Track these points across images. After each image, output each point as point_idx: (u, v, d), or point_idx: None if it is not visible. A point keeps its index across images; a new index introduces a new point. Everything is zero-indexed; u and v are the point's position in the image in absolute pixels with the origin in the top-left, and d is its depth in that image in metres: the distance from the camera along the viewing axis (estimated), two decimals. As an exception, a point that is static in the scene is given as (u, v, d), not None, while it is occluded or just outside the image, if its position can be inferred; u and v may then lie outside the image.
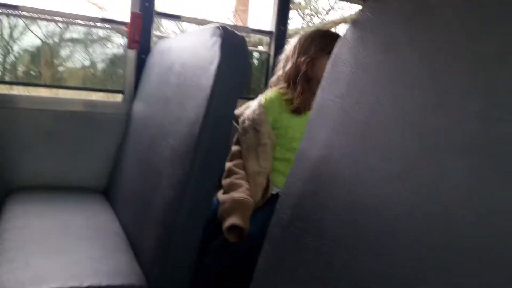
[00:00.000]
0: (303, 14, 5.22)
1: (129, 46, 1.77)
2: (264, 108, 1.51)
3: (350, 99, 0.64)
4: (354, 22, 0.67)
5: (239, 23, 3.72)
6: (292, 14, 5.05)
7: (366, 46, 0.63)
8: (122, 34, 2.00)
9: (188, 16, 1.97)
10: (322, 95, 0.71)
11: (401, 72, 0.56)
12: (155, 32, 1.86)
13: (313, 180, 0.67)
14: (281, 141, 1.52)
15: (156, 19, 1.85)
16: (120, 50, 2.28)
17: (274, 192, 1.50)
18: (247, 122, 1.52)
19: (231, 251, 1.32)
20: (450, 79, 0.48)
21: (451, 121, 0.47)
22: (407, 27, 0.57)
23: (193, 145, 1.10)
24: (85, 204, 1.59)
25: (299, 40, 1.58)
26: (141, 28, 1.75)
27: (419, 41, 0.55)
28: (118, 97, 1.89)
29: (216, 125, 1.12)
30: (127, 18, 1.76)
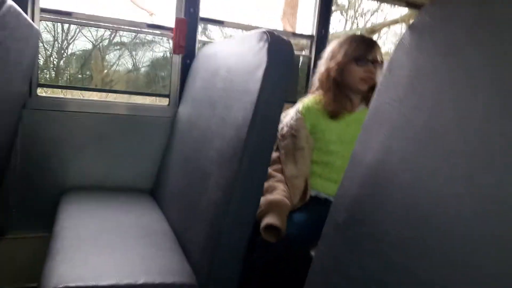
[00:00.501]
0: (347, 16, 5.16)
1: (174, 51, 1.83)
2: (302, 114, 1.56)
3: (408, 102, 0.64)
4: (412, 26, 0.67)
5: (288, 27, 3.72)
6: (336, 16, 5.00)
7: (425, 50, 0.64)
8: (168, 39, 2.06)
9: (232, 21, 2.00)
10: (378, 99, 0.72)
11: (463, 75, 0.56)
12: (200, 38, 1.90)
13: (369, 183, 0.67)
14: (319, 145, 1.55)
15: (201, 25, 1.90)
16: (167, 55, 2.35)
17: (312, 194, 1.52)
18: (285, 128, 1.57)
19: (273, 249, 1.35)
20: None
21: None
22: (469, 30, 0.57)
23: (240, 148, 1.13)
24: (133, 204, 1.65)
25: (332, 46, 1.61)
26: (186, 33, 1.80)
27: (482, 43, 0.55)
28: (165, 101, 1.95)
29: (263, 128, 1.14)
30: (172, 24, 1.81)
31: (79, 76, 2.77)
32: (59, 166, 1.75)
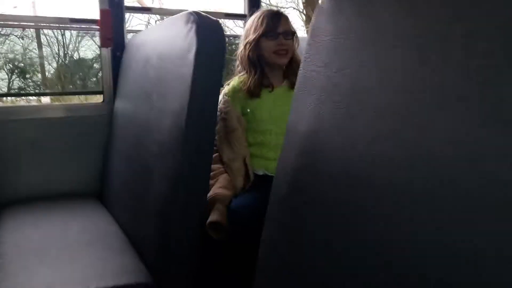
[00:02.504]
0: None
1: (102, 44, 1.74)
2: (228, 96, 1.55)
3: (333, 66, 0.63)
4: (329, -11, 0.67)
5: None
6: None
7: (344, 12, 0.63)
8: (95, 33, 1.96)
9: (160, 7, 1.93)
10: (305, 67, 0.71)
11: (381, 32, 0.56)
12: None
13: (306, 152, 0.67)
14: (251, 126, 1.56)
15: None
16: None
17: (261, 173, 1.52)
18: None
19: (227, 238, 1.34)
20: (431, 32, 0.48)
21: (435, 73, 0.47)
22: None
23: (181, 136, 1.09)
24: (80, 210, 1.57)
25: (247, 24, 1.61)
26: (112, 24, 1.71)
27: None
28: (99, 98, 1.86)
29: (202, 114, 1.11)
30: (97, 16, 1.72)
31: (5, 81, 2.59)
32: (-6, 181, 1.63)
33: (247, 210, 1.34)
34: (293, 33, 1.55)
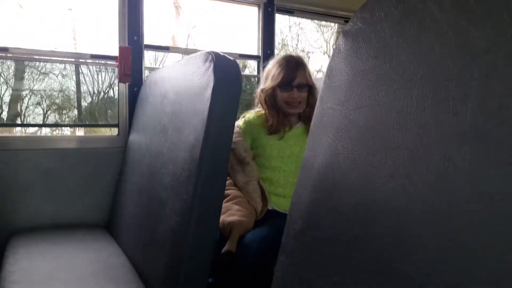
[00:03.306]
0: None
1: (120, 80, 1.80)
2: (240, 128, 1.59)
3: (349, 104, 0.66)
4: (346, 32, 0.70)
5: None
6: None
7: (360, 54, 0.66)
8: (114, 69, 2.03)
9: (178, 47, 2.01)
10: (321, 105, 0.73)
11: (396, 72, 0.59)
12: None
13: (321, 187, 0.68)
14: (260, 161, 1.58)
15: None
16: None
17: (270, 208, 1.53)
18: None
19: (237, 269, 1.33)
20: (448, 73, 0.51)
21: (452, 113, 0.49)
22: (398, 30, 0.60)
23: (194, 169, 1.11)
24: (88, 240, 1.57)
25: (267, 66, 1.67)
26: (131, 61, 1.78)
27: (411, 41, 0.58)
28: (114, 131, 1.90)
29: (216, 147, 1.13)
30: (116, 53, 1.79)
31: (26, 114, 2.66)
32: (4, 208, 1.64)
33: (256, 245, 1.34)
34: (309, 86, 1.59)
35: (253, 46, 2.19)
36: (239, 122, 1.64)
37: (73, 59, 1.91)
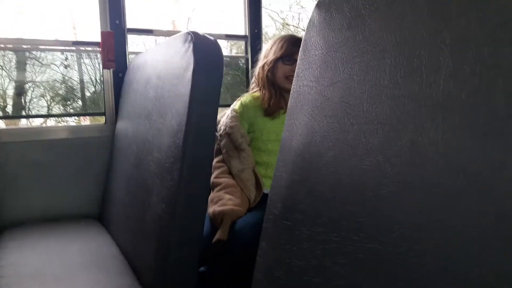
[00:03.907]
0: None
1: (104, 66, 1.75)
2: (237, 112, 1.55)
3: (324, 80, 0.62)
4: (319, 3, 0.66)
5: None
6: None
7: (333, 25, 0.62)
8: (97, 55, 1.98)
9: (161, 29, 1.95)
10: (297, 82, 0.70)
11: (371, 44, 0.55)
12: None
13: (299, 169, 0.65)
14: (257, 144, 1.56)
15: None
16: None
17: (266, 192, 1.51)
18: (222, 127, 1.56)
19: (230, 256, 1.31)
20: (419, 41, 0.47)
21: (425, 83, 0.45)
22: (369, 1, 0.56)
23: (178, 155, 1.08)
24: (79, 232, 1.56)
25: (267, 45, 1.64)
26: (114, 46, 1.73)
27: (383, 9, 0.54)
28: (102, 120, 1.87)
29: (200, 132, 1.10)
30: (99, 38, 1.74)
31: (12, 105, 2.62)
32: (-6, 202, 1.63)
33: (247, 231, 1.32)
34: None
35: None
36: (235, 106, 1.59)
37: (55, 47, 1.86)
